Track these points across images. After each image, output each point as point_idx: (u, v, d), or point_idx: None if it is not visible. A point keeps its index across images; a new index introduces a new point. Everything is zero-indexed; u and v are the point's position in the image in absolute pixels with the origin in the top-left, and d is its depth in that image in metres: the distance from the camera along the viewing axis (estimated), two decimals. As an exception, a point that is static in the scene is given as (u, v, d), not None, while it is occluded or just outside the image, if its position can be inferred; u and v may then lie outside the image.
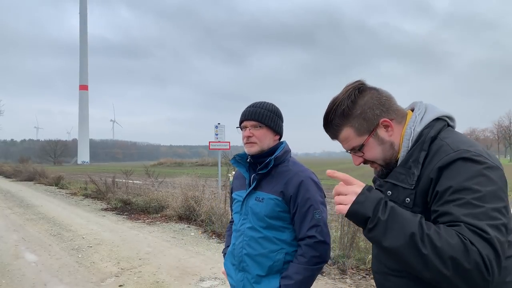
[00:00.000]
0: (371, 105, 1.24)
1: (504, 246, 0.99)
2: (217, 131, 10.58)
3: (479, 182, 1.03)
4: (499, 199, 1.03)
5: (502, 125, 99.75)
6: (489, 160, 1.08)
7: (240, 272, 1.88)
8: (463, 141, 1.14)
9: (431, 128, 1.20)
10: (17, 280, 4.89)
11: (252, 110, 1.87)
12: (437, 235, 0.98)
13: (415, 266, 0.99)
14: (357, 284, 4.67)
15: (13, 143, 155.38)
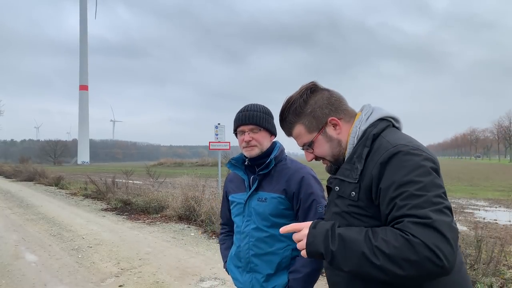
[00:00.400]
0: (321, 105, 1.34)
1: (451, 226, 1.03)
2: (217, 131, 10.58)
3: (419, 174, 1.10)
4: (438, 186, 1.10)
5: (502, 125, 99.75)
6: (425, 153, 1.15)
7: (248, 273, 1.90)
8: (402, 138, 1.22)
9: (375, 127, 1.28)
10: (17, 280, 4.89)
11: (248, 114, 1.89)
12: (384, 243, 1.03)
13: (377, 276, 1.05)
14: (357, 284, 4.67)
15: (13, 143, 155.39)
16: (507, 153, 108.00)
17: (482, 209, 12.59)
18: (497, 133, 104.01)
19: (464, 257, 5.11)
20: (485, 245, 5.10)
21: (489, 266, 4.68)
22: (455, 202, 13.72)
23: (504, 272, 4.70)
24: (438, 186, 1.11)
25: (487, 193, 17.55)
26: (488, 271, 4.58)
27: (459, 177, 29.28)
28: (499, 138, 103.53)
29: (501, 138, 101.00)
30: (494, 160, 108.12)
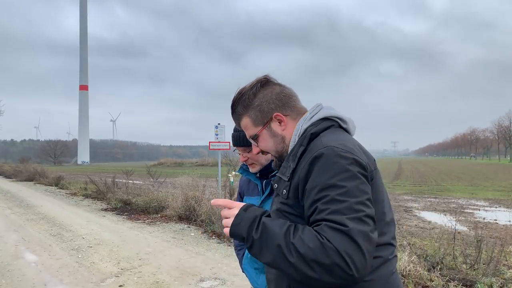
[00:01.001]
0: (268, 99, 1.32)
1: (367, 236, 1.01)
2: (217, 131, 10.58)
3: (343, 178, 1.08)
4: (363, 192, 1.08)
5: (502, 125, 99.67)
6: (356, 156, 1.13)
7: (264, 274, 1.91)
8: (338, 139, 1.19)
9: (315, 126, 1.27)
10: (17, 280, 4.89)
11: (236, 135, 1.88)
12: (301, 242, 1.02)
13: (290, 274, 1.05)
14: (357, 284, 4.67)
15: (13, 143, 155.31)
16: (507, 153, 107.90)
17: (482, 209, 12.59)
18: (497, 133, 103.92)
19: (464, 257, 5.11)
20: (485, 245, 5.10)
21: (489, 266, 4.68)
22: (455, 202, 13.72)
23: (504, 272, 4.70)
24: (362, 192, 1.08)
25: (487, 193, 17.54)
26: (488, 271, 4.58)
27: (459, 177, 29.26)
28: (499, 138, 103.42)
29: (501, 138, 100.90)
30: (494, 160, 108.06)
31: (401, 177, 29.70)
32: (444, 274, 4.65)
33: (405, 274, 4.66)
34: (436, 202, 14.20)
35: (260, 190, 1.93)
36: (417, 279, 4.54)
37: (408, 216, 10.86)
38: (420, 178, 28.27)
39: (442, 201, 14.28)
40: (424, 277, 4.55)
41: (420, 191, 18.64)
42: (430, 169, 45.77)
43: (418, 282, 4.51)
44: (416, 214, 11.33)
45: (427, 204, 13.73)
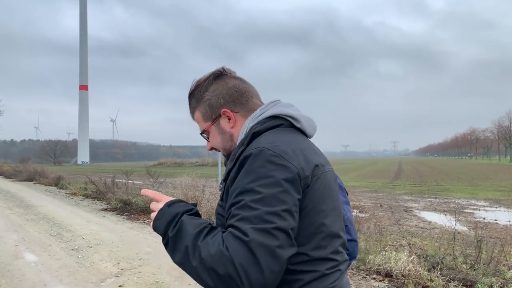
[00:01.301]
0: (218, 94, 1.23)
1: (271, 251, 0.92)
2: (217, 131, 10.57)
3: (263, 184, 0.99)
4: (281, 202, 0.97)
5: (502, 125, 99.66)
6: (287, 161, 1.02)
7: None
8: (275, 140, 1.09)
9: (261, 124, 1.17)
10: (17, 280, 4.89)
11: None
12: (206, 246, 0.95)
13: (194, 278, 0.99)
14: (357, 284, 4.66)
15: (13, 143, 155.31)
16: (507, 153, 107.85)
17: (482, 209, 12.58)
18: (497, 133, 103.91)
19: (464, 257, 5.11)
20: (485, 245, 5.09)
21: (489, 266, 4.68)
22: (455, 202, 13.72)
23: (504, 272, 4.69)
24: (280, 202, 0.97)
25: (487, 193, 17.53)
26: (488, 271, 4.58)
27: (459, 177, 29.26)
28: (499, 138, 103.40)
29: (501, 138, 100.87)
30: (494, 160, 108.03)
31: (401, 177, 29.69)
32: (444, 274, 4.65)
33: (405, 274, 4.66)
34: (436, 202, 14.20)
35: None
36: (417, 279, 4.54)
37: (408, 216, 10.86)
38: (420, 178, 28.27)
39: (442, 201, 14.28)
40: (424, 277, 4.55)
41: (420, 191, 18.63)
42: (430, 169, 45.76)
43: (418, 282, 4.51)
44: (416, 214, 11.32)
45: (427, 204, 13.73)
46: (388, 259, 4.97)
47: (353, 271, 5.06)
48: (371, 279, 4.80)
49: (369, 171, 41.51)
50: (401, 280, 4.61)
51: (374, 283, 4.68)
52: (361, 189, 19.30)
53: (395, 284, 4.60)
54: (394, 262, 4.86)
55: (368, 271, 5.00)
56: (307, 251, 1.03)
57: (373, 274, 4.92)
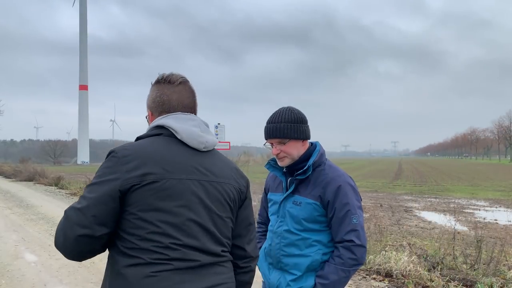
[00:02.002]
0: (150, 95, 1.43)
1: (70, 222, 1.19)
2: (217, 131, 10.58)
3: (95, 177, 1.24)
4: (94, 192, 1.20)
5: (502, 125, 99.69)
6: (119, 164, 1.21)
7: (277, 270, 1.92)
8: (132, 144, 1.29)
9: (147, 131, 1.37)
10: (17, 280, 4.89)
11: (272, 127, 1.84)
12: None
13: None
14: (357, 284, 4.66)
15: (13, 143, 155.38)
16: (507, 153, 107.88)
17: (482, 209, 12.59)
18: (497, 133, 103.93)
19: (464, 257, 5.11)
20: (485, 245, 5.10)
21: (489, 266, 4.68)
22: (455, 202, 13.72)
23: (504, 272, 4.69)
24: (93, 192, 1.20)
25: (487, 193, 17.54)
26: (488, 271, 4.58)
27: (459, 177, 29.26)
28: (499, 138, 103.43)
29: (502, 138, 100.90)
30: (494, 160, 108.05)
31: (401, 177, 29.70)
32: (444, 274, 4.65)
33: (405, 274, 4.66)
34: (436, 202, 14.20)
35: (284, 187, 1.93)
36: (417, 279, 4.54)
37: (408, 216, 10.87)
38: (420, 178, 28.27)
39: (442, 201, 14.28)
40: (424, 277, 4.55)
41: (420, 191, 18.64)
42: (430, 169, 45.76)
43: (418, 282, 4.51)
44: (416, 214, 11.33)
45: (427, 204, 13.73)
46: (388, 259, 4.97)
47: (353, 271, 5.06)
48: (371, 279, 4.80)
49: (369, 171, 41.50)
50: (401, 280, 4.61)
51: (374, 283, 4.68)
52: (361, 189, 19.30)
53: (395, 284, 4.60)
54: (394, 262, 4.86)
55: (368, 271, 5.00)
56: (134, 240, 1.19)
57: (373, 274, 4.92)
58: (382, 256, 5.05)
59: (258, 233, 2.19)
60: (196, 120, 1.37)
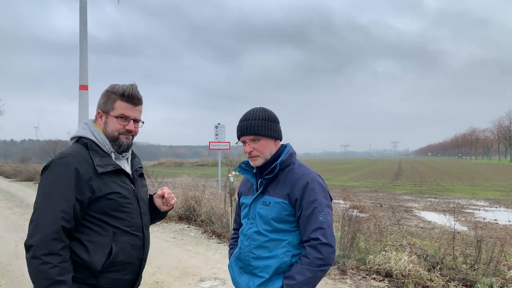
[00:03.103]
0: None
1: None
2: (217, 131, 10.58)
3: None
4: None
5: (502, 125, 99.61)
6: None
7: (246, 274, 1.89)
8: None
9: None
10: (17, 280, 4.89)
11: (245, 124, 1.85)
12: None
13: None
14: (357, 284, 4.66)
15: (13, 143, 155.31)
16: (507, 153, 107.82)
17: (482, 209, 12.59)
18: (497, 133, 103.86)
19: (464, 257, 5.11)
20: (485, 245, 5.09)
21: (489, 266, 4.68)
22: (455, 202, 13.71)
23: (504, 272, 4.69)
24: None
25: (487, 193, 17.54)
26: (488, 271, 4.58)
27: (459, 177, 29.25)
28: (499, 138, 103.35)
29: (501, 138, 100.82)
30: (494, 160, 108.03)
31: (401, 177, 29.69)
32: (444, 274, 4.65)
33: (405, 274, 4.66)
34: (436, 202, 14.20)
35: (254, 189, 1.92)
36: (417, 279, 4.54)
37: (408, 216, 10.87)
38: (420, 178, 28.27)
39: (442, 201, 14.28)
40: (424, 277, 4.55)
41: (420, 191, 18.64)
42: (430, 169, 45.76)
43: (418, 282, 4.51)
44: (416, 214, 11.33)
45: (427, 204, 13.73)
46: (388, 259, 4.97)
47: (353, 271, 5.06)
48: (371, 279, 4.80)
49: (369, 171, 41.49)
50: (401, 280, 4.61)
51: (374, 283, 4.68)
52: (361, 189, 19.30)
53: (395, 284, 4.60)
54: (394, 262, 4.86)
55: (368, 271, 5.00)
56: None
57: (373, 274, 4.92)
58: (382, 256, 5.05)
59: (232, 240, 2.17)
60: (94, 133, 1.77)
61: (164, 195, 1.92)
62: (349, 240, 5.53)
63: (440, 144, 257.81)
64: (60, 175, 1.58)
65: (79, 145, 1.70)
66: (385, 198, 15.30)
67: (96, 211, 1.62)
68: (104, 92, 1.76)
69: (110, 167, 1.67)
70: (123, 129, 1.74)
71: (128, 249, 1.69)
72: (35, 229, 1.51)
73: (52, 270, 1.46)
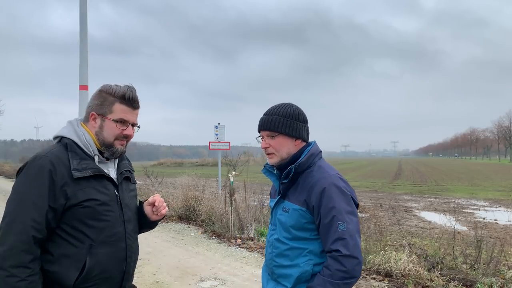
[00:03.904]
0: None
1: None
2: (217, 131, 10.58)
3: None
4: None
5: (502, 125, 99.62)
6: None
7: (273, 281, 1.82)
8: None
9: None
10: (17, 280, 4.88)
11: (264, 119, 1.76)
12: None
13: None
14: (357, 284, 4.66)
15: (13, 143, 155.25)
16: (507, 153, 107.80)
17: (482, 209, 12.59)
18: (497, 133, 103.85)
19: (464, 257, 5.11)
20: (485, 245, 5.09)
21: (489, 266, 4.68)
22: (455, 202, 13.71)
23: (504, 272, 4.69)
24: None
25: (487, 193, 17.53)
26: (488, 271, 4.58)
27: (459, 177, 29.25)
28: (499, 138, 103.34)
29: (501, 138, 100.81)
30: (494, 160, 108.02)
31: (401, 177, 29.69)
32: (444, 274, 4.65)
33: (405, 274, 4.65)
34: (436, 202, 14.20)
35: (277, 192, 1.83)
36: (417, 279, 4.54)
37: (408, 216, 10.87)
38: (420, 178, 28.27)
39: (442, 201, 14.28)
40: (424, 277, 4.55)
41: (420, 191, 18.64)
42: (430, 169, 45.75)
43: (418, 282, 4.51)
44: (416, 214, 11.33)
45: (427, 204, 13.73)
46: (388, 259, 4.97)
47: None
48: (371, 279, 4.80)
49: (369, 171, 41.48)
50: (401, 280, 4.61)
51: (374, 283, 4.68)
52: (361, 189, 19.30)
53: (395, 284, 4.60)
54: (394, 262, 4.86)
55: (368, 271, 5.00)
56: None
57: (373, 274, 4.92)
58: (382, 256, 5.05)
59: None
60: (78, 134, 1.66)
61: (155, 203, 1.75)
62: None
63: (440, 144, 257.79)
64: (32, 179, 1.45)
65: (59, 145, 1.57)
66: (385, 198, 15.30)
67: (71, 219, 1.48)
68: (98, 93, 1.64)
69: (89, 171, 1.52)
70: (121, 134, 1.62)
71: (106, 261, 1.54)
72: (2, 238, 1.39)
73: (19, 283, 1.35)
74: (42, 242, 1.45)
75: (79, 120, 1.68)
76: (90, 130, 1.62)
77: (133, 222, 1.72)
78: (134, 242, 1.71)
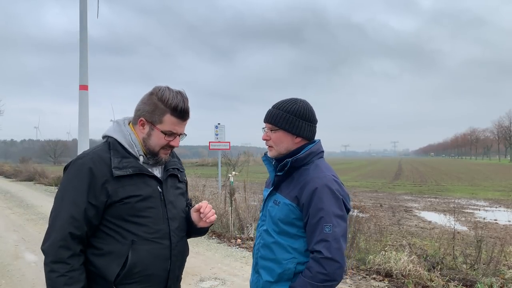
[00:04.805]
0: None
1: None
2: (217, 131, 10.58)
3: None
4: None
5: (502, 125, 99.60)
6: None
7: (256, 273, 1.83)
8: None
9: None
10: (17, 280, 4.89)
11: (270, 112, 1.78)
12: None
13: None
14: (357, 284, 4.66)
15: (13, 143, 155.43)
16: (507, 153, 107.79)
17: (482, 209, 12.59)
18: (497, 133, 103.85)
19: (464, 257, 5.11)
20: (485, 245, 5.09)
21: (489, 266, 4.68)
22: (455, 202, 13.72)
23: (504, 272, 4.69)
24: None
25: (487, 193, 17.54)
26: (488, 271, 4.58)
27: (459, 177, 29.25)
28: (499, 138, 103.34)
29: (501, 138, 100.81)
30: (494, 160, 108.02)
31: (401, 177, 29.69)
32: (444, 274, 4.65)
33: (405, 274, 4.66)
34: (436, 202, 14.21)
35: (271, 183, 1.85)
36: (417, 279, 4.54)
37: (408, 216, 10.87)
38: (420, 178, 28.27)
39: (442, 201, 14.28)
40: (424, 277, 4.55)
41: (420, 191, 18.64)
42: (430, 169, 45.75)
43: (418, 282, 4.51)
44: (416, 214, 11.33)
45: (427, 204, 13.73)
46: (388, 259, 4.97)
47: (353, 271, 5.06)
48: (371, 279, 4.80)
49: (369, 171, 41.49)
50: (401, 280, 4.61)
51: (374, 283, 4.68)
52: (361, 189, 19.30)
53: (395, 284, 4.60)
54: (394, 262, 4.86)
55: (368, 271, 5.00)
56: None
57: (373, 274, 4.92)
58: (382, 256, 5.05)
59: None
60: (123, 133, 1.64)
61: (200, 209, 1.69)
62: (349, 240, 5.52)
63: (440, 144, 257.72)
64: (73, 177, 1.49)
65: (103, 144, 1.59)
66: (385, 198, 15.30)
67: (113, 216, 1.50)
68: (149, 97, 1.58)
69: (129, 170, 1.52)
70: (167, 144, 1.60)
71: (149, 258, 1.53)
72: (47, 234, 1.46)
73: (58, 279, 1.39)
74: (83, 238, 1.47)
75: (127, 119, 1.67)
76: (138, 134, 1.61)
77: (179, 220, 1.68)
78: (180, 241, 1.68)
